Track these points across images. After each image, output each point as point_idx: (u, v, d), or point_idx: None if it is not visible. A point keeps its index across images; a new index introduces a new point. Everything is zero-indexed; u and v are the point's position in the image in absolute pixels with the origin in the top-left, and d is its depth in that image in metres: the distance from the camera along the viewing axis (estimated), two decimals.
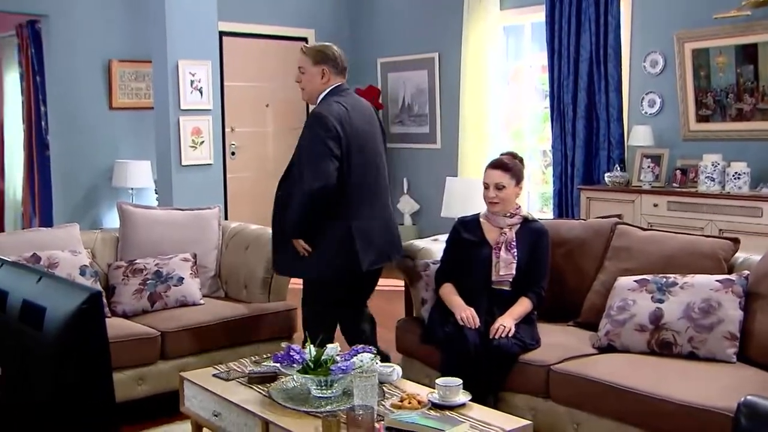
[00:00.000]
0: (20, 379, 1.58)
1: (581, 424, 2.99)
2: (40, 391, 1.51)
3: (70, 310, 1.43)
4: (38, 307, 1.49)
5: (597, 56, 5.83)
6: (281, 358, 2.71)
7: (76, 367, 1.43)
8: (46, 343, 1.47)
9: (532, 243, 3.50)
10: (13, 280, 1.62)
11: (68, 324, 1.42)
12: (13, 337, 1.58)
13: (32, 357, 1.53)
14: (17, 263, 1.68)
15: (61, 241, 3.89)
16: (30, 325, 1.51)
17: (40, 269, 1.64)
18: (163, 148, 5.70)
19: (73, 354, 1.43)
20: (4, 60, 7.99)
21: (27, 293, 1.55)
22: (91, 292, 1.41)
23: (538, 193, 7.08)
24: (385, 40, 7.88)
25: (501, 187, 3.52)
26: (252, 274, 4.14)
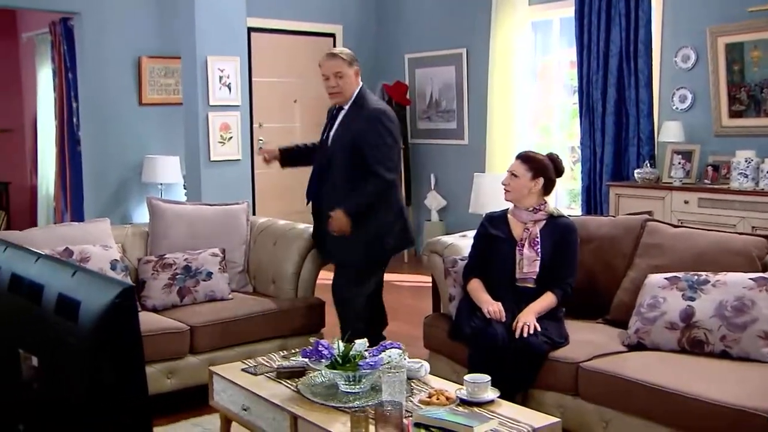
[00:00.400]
0: (56, 370, 1.60)
1: (610, 422, 2.97)
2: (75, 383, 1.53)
3: (104, 304, 1.43)
4: (73, 300, 1.51)
5: (627, 51, 5.77)
6: (310, 353, 2.72)
7: (110, 360, 1.45)
8: (81, 336, 1.48)
9: (557, 239, 3.47)
10: (48, 274, 1.64)
11: (102, 317, 1.43)
12: (49, 329, 1.60)
13: (68, 349, 1.54)
14: (52, 257, 1.70)
15: (93, 236, 3.93)
16: (65, 318, 1.52)
17: (74, 263, 1.66)
18: (191, 144, 5.74)
19: (107, 347, 1.44)
20: (37, 57, 8.11)
21: (62, 287, 1.57)
22: (125, 287, 1.42)
23: (566, 190, 7.03)
24: (413, 35, 7.86)
25: (514, 175, 3.52)
26: (280, 269, 4.16)
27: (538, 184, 3.52)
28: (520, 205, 3.54)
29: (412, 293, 6.44)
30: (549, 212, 3.54)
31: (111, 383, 1.44)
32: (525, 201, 3.53)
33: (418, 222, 7.94)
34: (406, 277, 7.05)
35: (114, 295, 1.42)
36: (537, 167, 3.52)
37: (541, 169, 3.52)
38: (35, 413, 1.70)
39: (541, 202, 3.54)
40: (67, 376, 1.54)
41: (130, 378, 1.47)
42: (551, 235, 3.47)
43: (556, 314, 3.43)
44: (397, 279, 6.95)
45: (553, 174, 3.55)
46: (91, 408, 1.47)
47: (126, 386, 1.46)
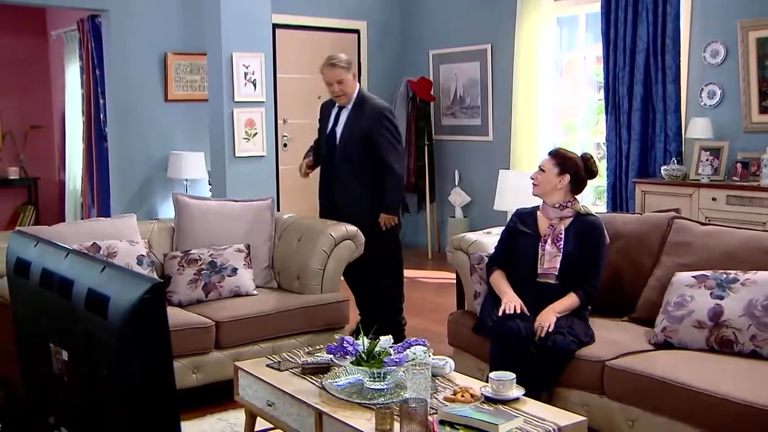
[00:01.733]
0: (85, 364, 1.62)
1: (636, 421, 2.94)
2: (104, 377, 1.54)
3: (134, 300, 1.45)
4: (103, 296, 1.52)
5: (654, 47, 5.70)
6: (334, 350, 2.72)
7: (139, 354, 1.46)
8: (110, 331, 1.50)
9: (583, 237, 3.44)
10: (78, 269, 1.66)
11: (131, 313, 1.45)
12: (79, 324, 1.61)
13: (97, 343, 1.56)
14: (82, 253, 1.71)
15: (120, 231, 3.97)
16: (95, 313, 1.54)
17: (103, 259, 1.68)
18: (217, 140, 5.77)
19: (136, 342, 1.46)
20: (66, 54, 8.20)
21: (92, 282, 1.58)
22: (154, 283, 1.43)
23: (592, 187, 6.97)
24: (437, 31, 7.84)
25: (542, 170, 3.53)
26: (305, 265, 4.17)
27: (564, 181, 3.50)
28: (547, 200, 3.53)
29: (436, 290, 6.43)
30: (576, 210, 3.52)
31: (139, 377, 1.45)
32: (551, 197, 3.52)
33: (441, 218, 7.93)
34: (430, 274, 7.04)
35: (143, 291, 1.43)
36: (564, 164, 3.50)
37: (569, 165, 3.51)
38: (65, 406, 1.73)
39: (569, 200, 3.52)
40: (96, 370, 1.56)
41: (158, 372, 1.48)
42: (577, 234, 3.45)
43: (581, 313, 3.40)
44: (421, 276, 6.95)
45: (582, 172, 3.52)
46: (120, 402, 1.49)
47: (154, 380, 1.47)
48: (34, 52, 8.70)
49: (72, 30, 7.81)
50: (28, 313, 1.82)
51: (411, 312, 5.38)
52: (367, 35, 8.04)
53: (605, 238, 3.52)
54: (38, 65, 8.76)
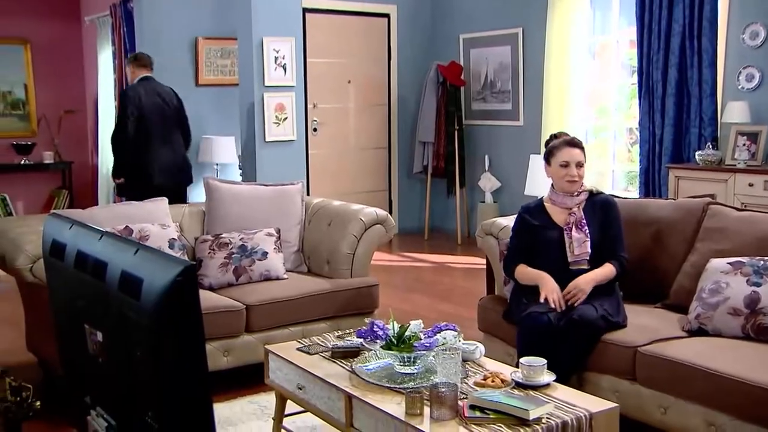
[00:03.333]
0: (119, 345, 1.63)
1: (669, 408, 2.91)
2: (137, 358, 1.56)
3: (167, 282, 1.45)
4: (136, 278, 1.53)
5: (690, 30, 5.59)
6: (365, 334, 2.72)
7: (172, 336, 1.47)
8: (143, 313, 1.51)
9: (601, 218, 3.43)
10: (112, 252, 1.67)
11: (164, 295, 1.45)
12: (113, 305, 1.63)
13: (130, 325, 1.57)
14: (116, 235, 1.73)
15: (151, 215, 4.01)
16: (128, 295, 1.55)
17: (136, 241, 1.69)
18: (247, 125, 5.80)
19: (169, 323, 1.47)
20: (99, 39, 8.27)
21: (125, 264, 1.59)
22: (186, 265, 1.44)
23: (624, 172, 6.89)
24: (468, 15, 7.77)
25: (581, 164, 3.47)
26: (334, 249, 4.18)
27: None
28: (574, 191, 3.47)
29: (466, 275, 6.41)
30: (589, 191, 3.50)
31: (172, 358, 1.46)
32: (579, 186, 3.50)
33: (471, 203, 7.89)
34: (459, 259, 7.02)
35: (176, 273, 1.43)
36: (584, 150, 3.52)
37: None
38: (100, 386, 1.75)
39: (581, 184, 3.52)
40: (130, 351, 1.57)
41: (191, 353, 1.48)
42: (594, 215, 3.43)
43: (612, 290, 3.37)
44: (450, 261, 6.94)
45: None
46: (154, 382, 1.50)
47: (187, 361, 1.48)
48: (68, 37, 8.80)
49: (105, 15, 7.87)
50: (63, 295, 1.84)
51: (440, 297, 5.38)
52: (397, 19, 7.99)
53: (619, 212, 3.50)
54: (72, 51, 8.86)
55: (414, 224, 8.21)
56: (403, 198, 8.27)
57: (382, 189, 8.17)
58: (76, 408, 1.82)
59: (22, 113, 8.57)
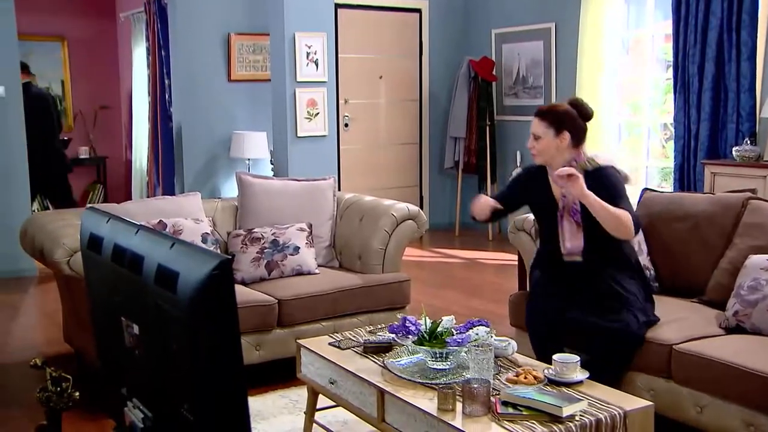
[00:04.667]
0: (156, 338, 1.64)
1: (705, 407, 2.87)
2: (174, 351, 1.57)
3: (203, 275, 1.46)
4: (172, 271, 1.54)
5: (729, 23, 5.49)
6: (397, 329, 2.72)
7: (208, 329, 1.47)
8: (179, 306, 1.51)
9: (603, 194, 3.05)
10: (148, 246, 1.68)
11: (201, 288, 1.46)
12: (149, 299, 1.64)
13: (167, 318, 1.58)
14: (151, 229, 1.74)
15: (185, 209, 4.04)
16: (165, 288, 1.56)
17: (172, 236, 1.70)
18: (279, 120, 5.82)
19: (205, 317, 1.47)
20: (133, 36, 8.37)
21: (161, 258, 1.60)
22: (222, 259, 1.44)
23: (658, 168, 6.80)
24: (500, 10, 7.71)
25: (537, 137, 3.18)
26: (366, 244, 4.18)
27: (565, 139, 3.15)
28: (553, 166, 3.15)
29: (497, 271, 6.38)
30: (583, 168, 3.11)
31: (208, 352, 1.47)
32: (557, 161, 3.16)
33: None
34: (490, 255, 6.99)
35: (212, 267, 1.44)
36: (557, 120, 3.14)
37: (563, 120, 3.15)
38: (137, 378, 1.77)
39: (574, 157, 3.17)
40: (166, 344, 1.58)
41: (226, 347, 1.49)
42: (597, 193, 3.04)
43: (631, 265, 3.20)
44: (481, 257, 6.91)
45: (579, 121, 3.17)
46: (189, 375, 1.51)
47: (223, 355, 1.48)
48: (103, 34, 8.91)
49: (139, 12, 7.95)
50: (101, 288, 1.86)
51: (472, 293, 5.36)
52: (429, 14, 7.97)
53: (620, 179, 3.16)
54: (107, 47, 8.97)
55: (445, 220, 8.18)
56: (435, 194, 8.25)
57: (413, 185, 8.16)
58: (114, 399, 1.85)
59: (59, 109, 8.70)
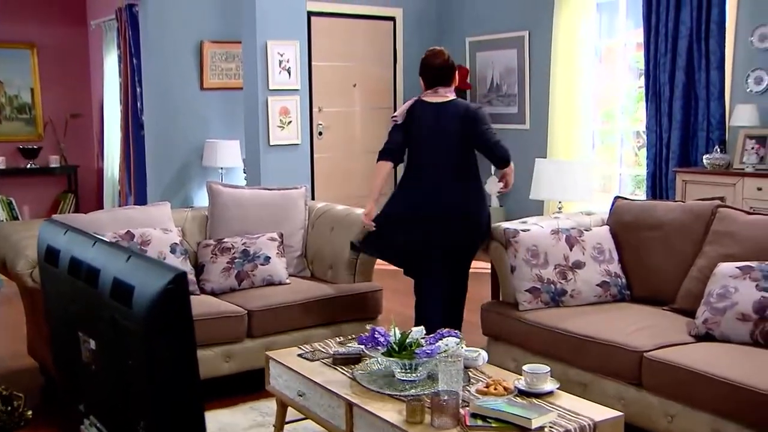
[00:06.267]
0: (112, 353, 1.61)
1: (675, 416, 2.87)
2: (129, 366, 1.54)
3: (157, 289, 1.43)
4: (128, 285, 1.51)
5: (698, 32, 5.54)
6: (366, 340, 2.69)
7: (163, 344, 1.45)
8: (135, 321, 1.48)
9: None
10: (104, 258, 1.65)
11: (155, 302, 1.43)
12: (105, 313, 1.60)
13: (123, 333, 1.55)
14: (108, 242, 1.70)
15: (154, 219, 3.98)
16: (120, 303, 1.53)
17: (128, 248, 1.66)
18: (251, 128, 5.77)
19: (160, 331, 1.44)
20: (105, 43, 8.28)
21: (117, 271, 1.57)
22: (177, 273, 1.41)
23: (631, 176, 6.84)
24: (474, 18, 7.73)
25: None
26: (338, 254, 4.15)
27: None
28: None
29: (472, 279, 6.34)
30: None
31: (164, 367, 1.44)
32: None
33: None
34: None
35: (167, 281, 1.41)
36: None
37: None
38: (94, 394, 1.72)
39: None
40: (122, 359, 1.55)
41: (182, 362, 1.46)
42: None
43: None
44: None
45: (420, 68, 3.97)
46: (145, 391, 1.47)
47: (179, 370, 1.46)
48: (74, 41, 8.80)
49: (111, 19, 7.87)
50: (58, 302, 1.81)
51: None
52: (403, 23, 7.96)
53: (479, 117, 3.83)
54: (78, 54, 8.87)
55: None
56: None
57: (389, 193, 8.12)
58: (71, 416, 1.80)
59: (28, 117, 8.58)
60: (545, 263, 3.58)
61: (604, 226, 3.83)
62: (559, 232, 3.67)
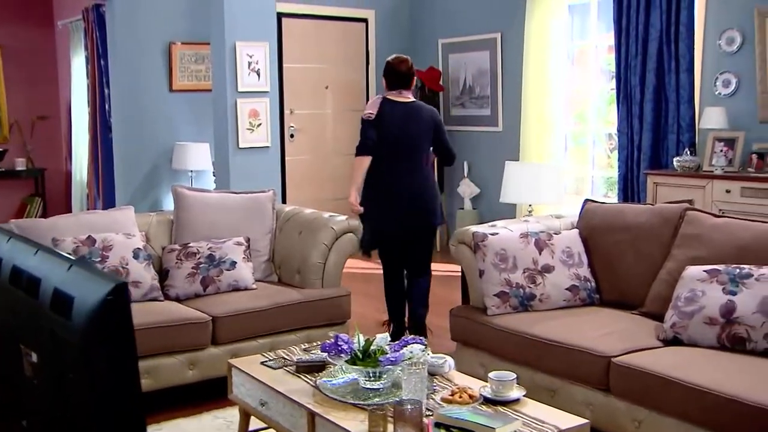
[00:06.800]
0: (53, 366, 1.55)
1: (643, 422, 2.84)
2: (70, 380, 1.49)
3: (97, 301, 1.38)
4: (68, 296, 1.46)
5: (668, 35, 5.55)
6: (329, 348, 2.63)
7: (103, 358, 1.40)
8: (74, 333, 1.43)
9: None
10: (46, 268, 1.59)
11: (94, 314, 1.38)
12: (46, 324, 1.54)
13: (63, 346, 1.50)
14: (51, 250, 1.64)
15: (117, 224, 3.89)
16: (59, 314, 1.47)
17: (71, 257, 1.60)
18: (220, 131, 5.69)
19: (99, 344, 1.39)
20: (72, 44, 8.14)
21: (58, 281, 1.51)
22: (117, 283, 1.36)
23: (603, 178, 6.84)
24: (446, 20, 7.71)
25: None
26: (305, 259, 4.08)
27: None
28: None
29: (444, 283, 6.32)
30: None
31: (104, 382, 1.39)
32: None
33: (450, 210, 7.82)
34: (438, 267, 6.91)
35: (106, 292, 1.36)
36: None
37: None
38: (36, 410, 1.65)
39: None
40: (63, 373, 1.49)
41: (123, 376, 1.41)
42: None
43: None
44: None
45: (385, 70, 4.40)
46: (86, 407, 1.42)
47: (119, 384, 1.41)
48: (41, 42, 8.66)
49: (77, 19, 7.74)
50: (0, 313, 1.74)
51: None
52: (375, 24, 7.92)
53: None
54: (45, 55, 8.72)
55: None
56: None
57: None
58: None
59: None
60: (514, 267, 3.54)
61: (574, 230, 3.81)
62: (528, 236, 3.64)
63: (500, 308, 3.49)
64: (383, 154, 4.25)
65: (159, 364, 3.46)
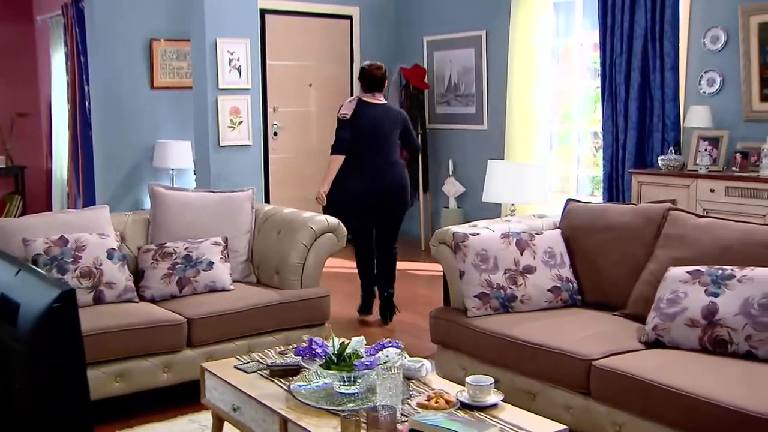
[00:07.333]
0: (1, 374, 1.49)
1: (623, 425, 2.79)
2: (18, 387, 1.43)
3: (43, 308, 1.32)
4: (13, 302, 1.40)
5: (652, 33, 5.51)
6: (303, 351, 2.57)
7: (49, 365, 1.34)
8: (19, 341, 1.36)
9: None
10: None
11: (40, 322, 1.32)
12: None
13: (9, 354, 1.43)
14: (3, 254, 1.57)
15: (91, 223, 3.81)
16: (5, 321, 1.41)
17: (20, 262, 1.53)
18: (200, 129, 5.61)
19: (46, 352, 1.34)
20: (51, 40, 8.03)
21: (5, 287, 1.45)
22: (64, 290, 1.30)
23: (588, 177, 6.81)
24: (432, 17, 7.65)
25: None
26: (284, 259, 4.01)
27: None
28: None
29: (428, 283, 6.26)
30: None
31: (50, 390, 1.33)
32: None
33: (435, 209, 7.77)
34: (422, 266, 6.88)
35: (53, 299, 1.30)
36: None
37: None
38: None
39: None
40: (10, 382, 1.43)
41: (70, 385, 1.35)
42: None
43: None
44: (413, 268, 6.79)
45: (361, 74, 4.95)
46: (33, 416, 1.36)
47: (66, 393, 1.35)
48: (20, 38, 8.53)
49: (57, 15, 7.64)
50: None
51: (401, 305, 5.23)
52: (360, 21, 7.85)
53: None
54: (25, 52, 8.59)
55: None
56: None
57: None
58: None
59: None
60: (495, 268, 3.49)
61: (556, 230, 3.76)
62: (509, 236, 3.59)
63: (481, 310, 3.44)
64: (361, 149, 4.77)
65: (132, 367, 3.39)
